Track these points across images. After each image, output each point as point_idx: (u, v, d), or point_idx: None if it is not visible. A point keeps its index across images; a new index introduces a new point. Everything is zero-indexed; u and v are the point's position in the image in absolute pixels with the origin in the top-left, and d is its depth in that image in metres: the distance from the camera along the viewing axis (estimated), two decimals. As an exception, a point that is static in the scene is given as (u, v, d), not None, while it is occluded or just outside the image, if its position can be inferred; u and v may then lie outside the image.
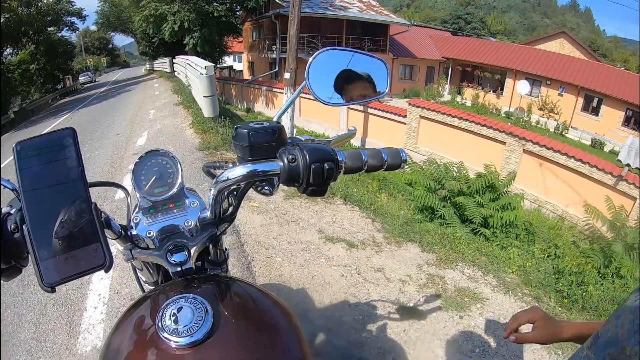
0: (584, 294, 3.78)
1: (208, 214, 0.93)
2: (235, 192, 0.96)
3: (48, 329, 3.07)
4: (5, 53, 29.58)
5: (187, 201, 0.94)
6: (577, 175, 8.77)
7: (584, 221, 5.60)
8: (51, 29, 32.13)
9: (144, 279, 1.14)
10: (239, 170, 0.80)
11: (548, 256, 5.19)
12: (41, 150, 0.67)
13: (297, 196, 5.27)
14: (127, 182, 5.70)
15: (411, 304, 3.39)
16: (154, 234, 0.89)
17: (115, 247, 0.97)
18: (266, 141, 0.84)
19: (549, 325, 1.10)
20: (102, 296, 3.39)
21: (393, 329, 3.06)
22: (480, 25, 56.45)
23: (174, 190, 0.94)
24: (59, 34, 33.78)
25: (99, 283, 3.56)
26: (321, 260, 3.88)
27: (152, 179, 0.93)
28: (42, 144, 0.67)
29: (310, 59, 1.01)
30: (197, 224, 0.92)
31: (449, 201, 5.91)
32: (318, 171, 0.78)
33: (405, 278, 3.74)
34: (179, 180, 0.94)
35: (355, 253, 4.08)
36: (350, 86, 1.08)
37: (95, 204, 0.68)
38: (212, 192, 0.87)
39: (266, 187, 0.97)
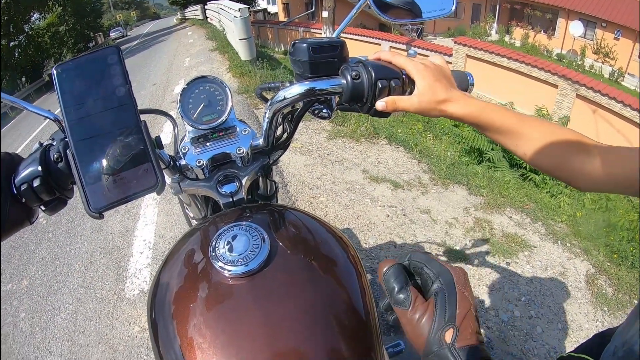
0: (634, 251, 3.63)
1: (261, 141, 0.90)
2: (290, 117, 0.92)
3: (96, 276, 3.20)
4: (33, 18, 29.37)
5: (238, 129, 0.91)
6: (633, 126, 8.35)
7: (640, 174, 5.33)
8: None
9: (192, 215, 1.12)
10: (297, 89, 0.75)
11: (599, 208, 5.01)
12: (84, 70, 0.63)
13: (341, 136, 5.20)
14: (167, 130, 5.73)
15: (457, 247, 3.35)
16: (204, 163, 0.85)
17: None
18: (327, 57, 0.78)
19: (436, 88, 0.76)
20: (147, 241, 3.48)
21: (439, 273, 3.03)
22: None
23: (224, 117, 0.91)
24: None
25: (144, 229, 3.65)
26: (366, 201, 3.84)
27: (201, 107, 0.91)
28: (84, 64, 0.63)
29: None
30: (249, 152, 0.89)
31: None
32: (384, 89, 0.73)
33: (452, 221, 3.69)
34: (229, 106, 0.92)
35: (401, 194, 4.02)
36: (413, 3, 0.98)
37: (145, 122, 0.64)
38: (266, 114, 0.83)
39: (324, 110, 0.91)
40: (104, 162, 0.59)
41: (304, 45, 0.77)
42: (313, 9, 23.01)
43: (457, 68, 10.94)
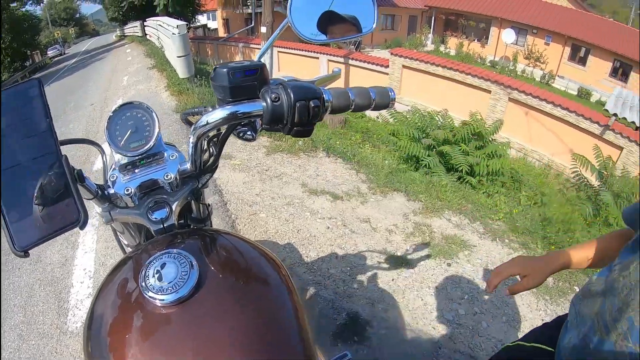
0: (571, 241, 3.78)
1: (188, 165, 0.90)
2: (215, 140, 0.92)
3: (37, 310, 3.03)
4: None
5: (165, 154, 0.91)
6: (564, 124, 8.73)
7: (571, 169, 5.57)
8: (14, 4, 30.58)
9: (127, 243, 1.10)
10: (219, 113, 0.76)
11: (534, 204, 5.21)
12: (5, 105, 0.61)
13: (279, 151, 5.19)
14: (105, 150, 5.57)
15: (399, 253, 3.37)
16: (132, 191, 0.84)
17: (95, 211, 0.91)
18: (247, 80, 0.80)
19: (537, 268, 1.12)
20: (87, 270, 3.35)
21: (381, 279, 3.05)
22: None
23: (151, 143, 0.90)
24: (23, 9, 32.33)
25: (84, 257, 3.51)
26: (306, 214, 3.83)
27: (128, 133, 0.89)
28: (5, 99, 0.62)
29: None
30: (177, 177, 0.88)
31: (433, 150, 5.84)
32: (303, 109, 0.75)
33: (392, 227, 3.71)
34: (156, 132, 0.91)
35: (340, 205, 4.03)
36: (334, 23, 1.02)
37: (66, 156, 0.62)
38: (191, 139, 0.82)
39: (248, 132, 0.92)
40: (27, 199, 0.58)
41: (224, 70, 0.78)
42: (252, 24, 23.11)
43: (393, 79, 11.24)
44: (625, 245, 0.87)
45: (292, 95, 0.74)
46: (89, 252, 3.55)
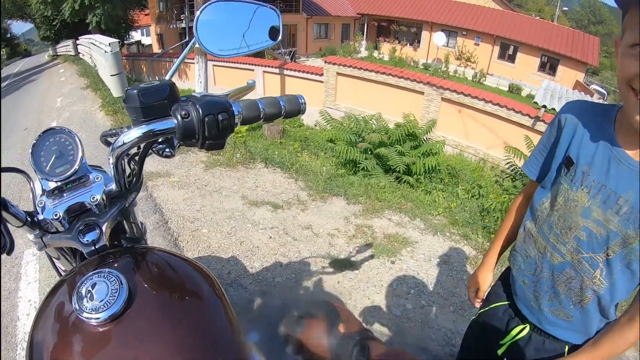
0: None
1: (113, 186, 0.90)
2: (136, 158, 0.93)
3: None
4: None
5: (90, 176, 0.90)
6: (496, 119, 9.06)
7: (505, 160, 5.79)
8: None
9: (64, 268, 1.09)
10: (134, 133, 0.78)
11: (472, 196, 5.37)
12: None
13: (218, 165, 5.14)
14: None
15: (342, 256, 3.41)
16: (61, 215, 0.83)
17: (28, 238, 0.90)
18: (158, 99, 0.82)
19: (483, 275, 1.45)
20: (32, 301, 3.20)
21: (327, 282, 3.07)
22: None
23: (76, 166, 0.89)
24: None
25: (27, 288, 3.35)
26: (247, 226, 3.80)
27: (52, 159, 0.89)
28: None
29: (198, 12, 0.98)
30: (104, 198, 0.89)
31: (370, 153, 5.93)
32: (212, 123, 0.78)
33: (334, 232, 3.74)
34: (79, 155, 0.90)
35: (281, 214, 4.03)
36: (242, 36, 1.06)
37: None
38: (110, 160, 0.84)
39: (167, 150, 0.93)
40: None
41: (135, 91, 0.80)
42: (187, 39, 22.76)
43: (329, 86, 11.36)
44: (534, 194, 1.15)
45: (200, 111, 0.76)
46: (32, 282, 3.40)
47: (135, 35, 32.10)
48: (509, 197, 4.68)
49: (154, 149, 0.92)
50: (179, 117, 0.76)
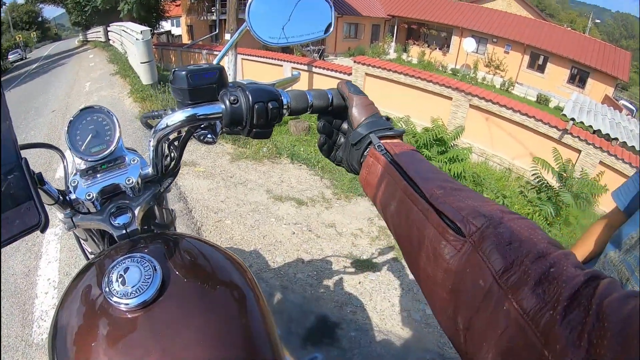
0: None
1: (150, 169, 0.89)
2: (176, 143, 0.91)
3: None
4: None
5: (127, 158, 0.89)
6: (523, 129, 8.97)
7: (532, 171, 5.72)
8: None
9: (90, 250, 1.08)
10: (178, 116, 0.76)
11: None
12: None
13: (244, 158, 5.16)
14: (67, 159, 5.43)
15: (364, 257, 3.40)
16: (94, 196, 0.82)
17: (58, 218, 0.90)
18: (206, 83, 0.78)
19: None
20: (51, 280, 3.25)
21: (348, 282, 3.06)
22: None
23: (112, 147, 0.88)
24: None
25: (47, 267, 3.41)
26: (271, 220, 3.81)
27: (89, 138, 0.88)
28: None
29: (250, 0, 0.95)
30: (139, 182, 0.87)
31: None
32: (261, 111, 0.76)
33: (357, 232, 3.73)
34: (117, 136, 0.89)
35: (305, 210, 4.03)
36: (292, 26, 1.02)
37: (26, 159, 0.61)
38: (151, 142, 0.82)
39: (209, 135, 0.89)
40: None
41: (183, 72, 0.76)
42: (217, 31, 22.84)
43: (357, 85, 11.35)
44: (623, 224, 1.12)
45: (250, 97, 0.75)
46: (52, 262, 3.46)
47: (166, 25, 32.37)
48: (533, 208, 4.63)
49: (195, 134, 0.89)
50: (228, 103, 0.75)
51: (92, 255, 1.08)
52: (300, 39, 1.06)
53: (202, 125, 0.87)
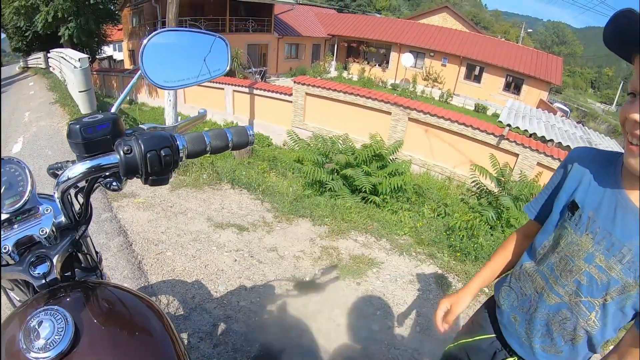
0: (475, 246, 3.99)
1: (63, 218, 0.89)
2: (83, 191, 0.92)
3: None
4: None
5: (40, 208, 0.89)
6: (462, 138, 9.31)
7: (471, 179, 5.90)
8: None
9: (18, 299, 1.08)
10: (78, 168, 0.78)
11: (438, 215, 5.45)
12: None
13: (184, 186, 5.09)
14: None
15: (307, 279, 3.40)
16: (10, 248, 0.82)
17: None
18: (100, 135, 0.82)
19: (460, 295, 1.40)
20: None
21: (292, 306, 3.05)
22: (366, 2, 57.74)
23: (25, 198, 0.88)
24: None
25: None
26: (213, 248, 3.76)
27: (2, 190, 0.87)
28: None
29: (144, 43, 0.98)
30: (54, 231, 0.88)
31: (337, 174, 5.97)
32: (154, 159, 0.78)
33: (299, 254, 3.74)
34: (29, 188, 0.89)
35: (247, 236, 4.00)
36: (189, 67, 1.06)
37: None
38: (55, 195, 0.84)
39: (114, 183, 0.92)
40: None
41: (77, 126, 0.80)
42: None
43: (297, 106, 11.45)
44: (536, 235, 1.19)
45: (142, 146, 0.77)
46: None
47: (108, 50, 31.77)
48: (474, 215, 4.77)
49: (101, 182, 0.91)
50: (122, 153, 0.77)
51: (20, 303, 1.06)
52: (198, 80, 1.09)
53: (107, 174, 0.88)
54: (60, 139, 7.95)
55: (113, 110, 0.94)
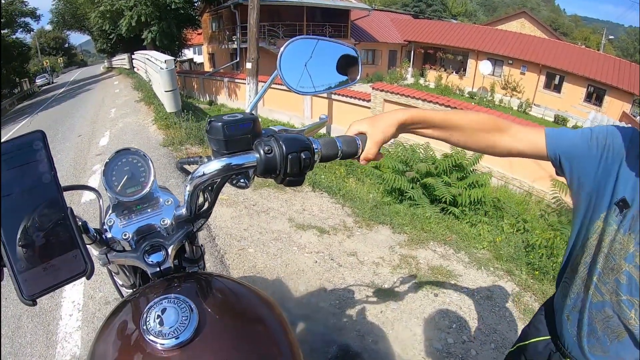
0: (554, 265, 3.84)
1: (183, 211, 0.91)
2: (210, 187, 0.94)
3: (25, 342, 2.97)
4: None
5: (161, 199, 0.94)
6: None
7: (551, 195, 5.68)
8: (4, 31, 30.21)
9: (121, 283, 1.11)
10: (215, 165, 0.79)
11: (517, 231, 5.27)
12: (9, 155, 0.62)
13: (266, 186, 5.23)
14: (93, 183, 5.54)
15: (386, 286, 3.40)
16: (130, 236, 0.87)
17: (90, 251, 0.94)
18: (241, 133, 0.83)
19: (376, 125, 1.00)
20: (76, 303, 3.29)
21: (370, 311, 3.06)
22: (441, 8, 56.45)
23: (147, 189, 0.93)
24: (13, 37, 31.98)
25: (72, 290, 3.44)
26: (294, 249, 3.85)
27: (124, 179, 0.91)
28: (9, 150, 0.62)
29: (282, 49, 0.98)
30: (173, 222, 0.91)
31: (417, 182, 5.93)
32: (295, 161, 0.79)
33: (379, 260, 3.75)
34: (152, 179, 0.94)
35: (327, 239, 4.06)
36: (322, 74, 1.06)
37: (71, 208, 0.65)
38: (187, 188, 0.85)
39: (242, 180, 0.94)
40: (34, 250, 0.60)
41: (219, 124, 0.80)
42: (238, 59, 23.21)
43: (375, 112, 11.42)
44: (575, 212, 1.13)
45: (284, 148, 0.78)
46: (77, 285, 3.48)
47: (188, 53, 33.07)
48: (554, 232, 4.60)
49: (229, 179, 0.93)
50: (262, 152, 0.78)
51: (124, 288, 1.12)
52: (328, 89, 1.09)
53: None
54: (146, 136, 8.36)
55: (248, 110, 0.95)
